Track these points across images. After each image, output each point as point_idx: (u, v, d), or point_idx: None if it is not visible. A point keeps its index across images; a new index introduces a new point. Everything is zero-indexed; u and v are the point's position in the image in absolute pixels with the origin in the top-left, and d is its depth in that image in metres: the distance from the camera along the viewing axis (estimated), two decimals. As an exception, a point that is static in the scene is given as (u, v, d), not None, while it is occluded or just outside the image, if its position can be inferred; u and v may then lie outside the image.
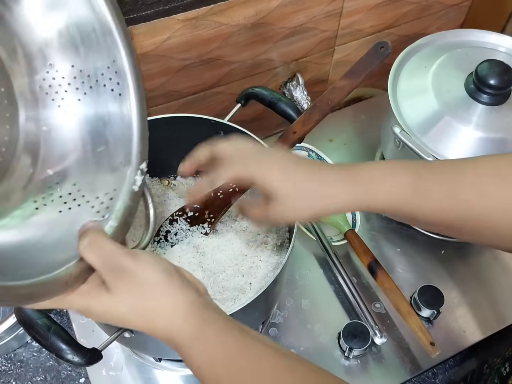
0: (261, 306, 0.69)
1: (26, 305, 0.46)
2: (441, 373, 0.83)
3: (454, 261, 0.90)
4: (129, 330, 0.56)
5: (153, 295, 0.45)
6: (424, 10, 1.04)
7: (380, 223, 0.94)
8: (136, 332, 0.57)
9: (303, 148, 1.01)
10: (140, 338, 0.58)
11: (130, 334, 0.57)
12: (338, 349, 0.81)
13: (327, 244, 0.87)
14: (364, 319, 0.80)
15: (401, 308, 0.79)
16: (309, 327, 0.83)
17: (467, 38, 0.90)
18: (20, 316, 0.50)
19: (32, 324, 0.49)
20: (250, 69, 0.94)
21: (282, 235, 0.74)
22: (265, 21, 0.87)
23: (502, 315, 0.85)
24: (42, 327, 0.49)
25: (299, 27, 0.92)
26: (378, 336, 0.78)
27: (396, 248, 0.91)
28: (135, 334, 0.57)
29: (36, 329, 0.49)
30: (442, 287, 0.83)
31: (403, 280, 0.87)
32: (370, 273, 0.84)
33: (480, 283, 0.88)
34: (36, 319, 0.49)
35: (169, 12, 0.77)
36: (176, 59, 0.84)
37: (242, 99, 0.76)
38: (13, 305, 0.53)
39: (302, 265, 0.88)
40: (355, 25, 0.99)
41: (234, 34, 0.86)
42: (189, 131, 0.75)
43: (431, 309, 0.81)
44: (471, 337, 0.83)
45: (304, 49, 0.98)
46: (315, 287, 0.87)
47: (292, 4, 0.87)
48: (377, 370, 0.80)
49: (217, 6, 0.80)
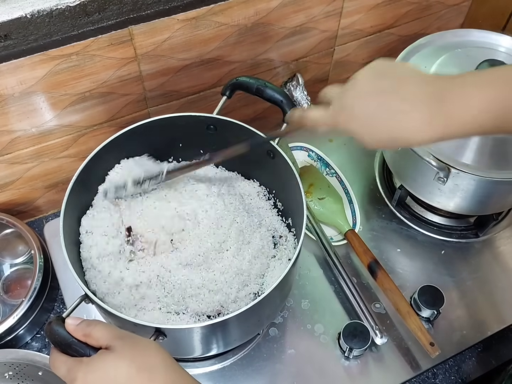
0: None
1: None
2: (441, 373, 0.83)
3: (454, 261, 0.90)
4: (162, 334, 0.58)
5: (155, 355, 0.48)
6: (424, 10, 1.04)
7: (380, 223, 0.94)
8: (169, 336, 0.59)
9: (303, 148, 1.01)
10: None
11: (164, 338, 0.59)
12: (338, 349, 0.81)
13: (327, 244, 0.87)
14: (364, 319, 0.80)
15: (401, 308, 0.79)
16: (309, 327, 0.83)
17: (467, 38, 0.90)
18: (54, 338, 0.50)
19: (69, 343, 0.49)
20: (250, 69, 0.94)
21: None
22: (265, 21, 0.87)
23: (502, 315, 0.85)
24: (79, 345, 0.49)
25: (299, 27, 0.92)
26: (378, 336, 0.78)
27: (396, 248, 0.91)
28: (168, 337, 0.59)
29: (74, 348, 0.49)
30: (442, 287, 0.83)
31: (403, 280, 0.87)
32: (370, 273, 0.84)
33: (480, 283, 0.88)
34: (71, 338, 0.50)
35: (169, 12, 0.77)
36: (176, 59, 0.84)
37: (227, 90, 0.76)
38: None
39: (302, 265, 0.88)
40: (355, 25, 0.99)
41: (234, 34, 0.86)
42: (182, 130, 0.76)
43: (431, 309, 0.81)
44: (471, 337, 0.83)
45: (304, 49, 0.97)
46: (315, 287, 0.87)
47: (292, 4, 0.87)
48: (377, 370, 0.80)
49: (217, 6, 0.80)
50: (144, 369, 0.46)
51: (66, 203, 0.67)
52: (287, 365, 0.80)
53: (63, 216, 0.65)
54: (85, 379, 0.46)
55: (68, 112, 0.82)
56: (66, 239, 0.64)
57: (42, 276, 0.82)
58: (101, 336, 0.48)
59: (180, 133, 0.77)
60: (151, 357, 0.48)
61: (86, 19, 0.71)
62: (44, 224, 0.94)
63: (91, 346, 0.49)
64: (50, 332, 0.51)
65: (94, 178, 0.74)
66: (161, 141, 0.77)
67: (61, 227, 0.64)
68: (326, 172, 0.99)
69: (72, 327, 0.50)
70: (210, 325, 0.59)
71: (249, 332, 0.74)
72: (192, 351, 0.69)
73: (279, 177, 0.74)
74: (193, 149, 0.79)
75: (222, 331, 0.65)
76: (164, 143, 0.78)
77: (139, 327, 0.58)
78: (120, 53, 0.78)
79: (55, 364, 0.49)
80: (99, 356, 0.47)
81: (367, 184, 0.99)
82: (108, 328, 0.49)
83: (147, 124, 0.73)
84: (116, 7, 0.72)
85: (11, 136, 0.81)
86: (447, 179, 0.78)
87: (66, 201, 0.67)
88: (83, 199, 0.73)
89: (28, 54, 0.71)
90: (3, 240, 0.90)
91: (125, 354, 0.47)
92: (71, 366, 0.47)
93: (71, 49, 0.74)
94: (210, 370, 0.80)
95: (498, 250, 0.92)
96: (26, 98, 0.76)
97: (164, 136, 0.76)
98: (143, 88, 0.86)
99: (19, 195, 0.92)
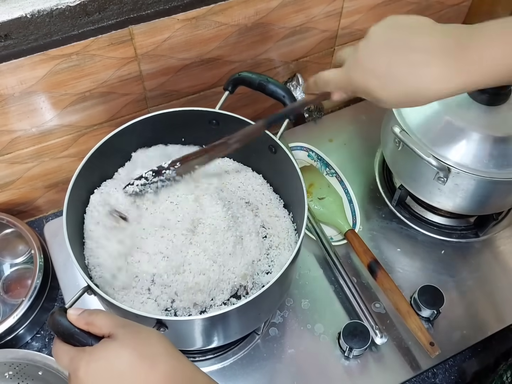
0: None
1: None
2: (441, 373, 0.83)
3: (454, 261, 0.90)
4: (163, 326, 0.58)
5: (157, 344, 0.48)
6: (424, 10, 1.04)
7: (380, 223, 0.94)
8: (170, 327, 0.59)
9: (303, 148, 1.01)
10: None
11: (165, 329, 0.59)
12: (338, 349, 0.81)
13: (327, 244, 0.87)
14: (364, 319, 0.80)
15: (401, 308, 0.79)
16: (309, 327, 0.83)
17: (467, 38, 0.90)
18: (57, 328, 0.50)
19: (71, 333, 0.50)
20: (250, 69, 0.94)
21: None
22: (265, 21, 0.87)
23: (502, 315, 0.85)
24: (81, 335, 0.49)
25: (299, 27, 0.92)
26: (378, 336, 0.78)
27: (396, 248, 0.91)
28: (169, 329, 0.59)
29: (77, 338, 0.49)
30: (442, 287, 0.83)
31: (403, 280, 0.87)
32: (370, 273, 0.84)
33: (480, 283, 0.88)
34: (73, 328, 0.50)
35: (169, 12, 0.77)
36: (176, 59, 0.84)
37: (229, 85, 0.76)
38: None
39: (302, 265, 0.88)
40: (355, 25, 0.99)
41: (234, 34, 0.86)
42: (184, 125, 0.76)
43: (431, 309, 0.81)
44: (471, 337, 0.83)
45: (304, 49, 0.98)
46: (315, 287, 0.87)
47: (292, 4, 0.87)
48: (377, 370, 0.80)
49: (217, 6, 0.80)
50: (146, 357, 0.46)
51: (70, 193, 0.67)
52: (287, 365, 0.80)
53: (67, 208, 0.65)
54: (88, 367, 0.46)
55: (68, 112, 0.82)
56: (69, 230, 0.64)
57: (42, 276, 0.82)
58: (103, 324, 0.48)
59: (182, 128, 0.77)
60: (153, 345, 0.48)
61: (86, 19, 0.71)
62: (44, 224, 0.94)
63: (93, 336, 0.49)
64: (53, 323, 0.51)
65: (94, 178, 0.74)
66: (163, 136, 0.77)
67: (64, 221, 0.64)
68: (326, 172, 0.99)
69: (74, 317, 0.50)
70: (211, 317, 0.59)
71: (249, 326, 0.74)
72: (193, 343, 0.69)
73: (280, 172, 0.74)
74: (196, 144, 0.79)
75: (223, 323, 0.65)
76: (167, 138, 0.78)
77: (141, 318, 0.58)
78: (120, 53, 0.78)
79: (58, 354, 0.49)
80: (102, 344, 0.47)
81: (367, 184, 0.99)
82: (110, 317, 0.49)
83: (149, 118, 0.73)
84: (116, 7, 0.72)
85: (11, 136, 0.81)
86: (447, 179, 0.78)
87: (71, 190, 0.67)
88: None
89: (28, 54, 0.71)
90: (3, 240, 0.90)
91: (127, 342, 0.47)
92: (74, 355, 0.47)
93: (71, 49, 0.74)
94: (210, 370, 0.80)
95: (498, 250, 0.92)
96: (26, 98, 0.76)
97: (167, 131, 0.76)
98: (143, 87, 0.86)
99: (19, 195, 0.92)
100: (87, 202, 0.73)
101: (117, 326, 0.48)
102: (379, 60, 0.54)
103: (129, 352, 0.46)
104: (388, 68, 0.53)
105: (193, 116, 0.75)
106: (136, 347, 0.47)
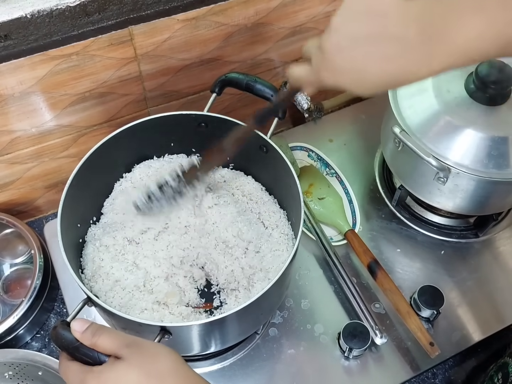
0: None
1: None
2: (441, 373, 0.83)
3: (454, 261, 0.90)
4: (168, 333, 0.58)
5: (165, 360, 0.48)
6: None
7: (380, 223, 0.94)
8: (174, 334, 0.59)
9: (303, 148, 1.01)
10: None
11: (169, 336, 0.59)
12: (338, 349, 0.81)
13: (327, 244, 0.87)
14: (364, 319, 0.80)
15: (401, 308, 0.79)
16: (309, 327, 0.83)
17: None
18: (61, 343, 0.50)
19: (76, 347, 0.49)
20: (250, 69, 0.94)
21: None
22: (265, 21, 0.87)
23: (502, 315, 0.85)
24: (86, 348, 0.49)
25: (299, 27, 0.92)
26: (378, 336, 0.78)
27: (396, 248, 0.91)
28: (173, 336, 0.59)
29: (82, 351, 0.49)
30: (442, 287, 0.83)
31: (403, 280, 0.87)
32: (370, 273, 0.84)
33: (480, 283, 0.88)
34: (77, 342, 0.49)
35: (169, 12, 0.77)
36: (176, 59, 0.84)
37: (216, 87, 0.76)
38: None
39: (302, 265, 0.88)
40: (355, 25, 0.98)
41: (234, 34, 0.86)
42: (173, 129, 0.76)
43: (431, 309, 0.81)
44: (471, 337, 0.83)
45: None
46: (315, 287, 0.87)
47: (292, 4, 0.87)
48: (377, 370, 0.80)
49: (217, 6, 0.80)
50: (154, 376, 0.46)
51: (64, 201, 0.67)
52: (287, 365, 0.80)
53: (60, 217, 0.65)
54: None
55: (68, 112, 0.82)
56: (64, 242, 0.64)
57: (42, 276, 0.82)
58: (107, 346, 0.48)
59: (171, 132, 0.77)
60: (160, 362, 0.48)
61: (86, 19, 0.71)
62: (44, 224, 0.94)
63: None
64: (56, 337, 0.50)
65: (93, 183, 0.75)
66: (153, 141, 0.77)
67: (59, 230, 0.64)
68: (326, 172, 0.99)
69: (78, 335, 0.49)
70: (212, 321, 0.60)
71: (249, 328, 0.74)
72: (196, 348, 0.69)
73: (273, 172, 0.74)
74: (185, 147, 0.79)
75: (225, 326, 0.66)
76: (157, 143, 0.78)
77: (144, 327, 0.58)
78: (120, 53, 0.78)
79: (67, 375, 0.49)
80: (110, 366, 0.47)
81: (367, 184, 0.99)
82: (113, 337, 0.49)
83: (137, 125, 0.73)
84: (116, 7, 0.72)
85: (11, 136, 0.81)
86: (447, 179, 0.78)
87: (64, 199, 0.67)
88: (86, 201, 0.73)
89: (28, 54, 0.71)
90: (3, 240, 0.90)
91: (134, 362, 0.47)
92: (83, 378, 0.47)
93: (71, 49, 0.74)
94: (210, 370, 0.80)
95: (498, 250, 0.92)
96: (26, 98, 0.76)
97: (156, 136, 0.77)
98: (143, 88, 0.86)
99: (19, 195, 0.92)
100: (87, 202, 0.73)
101: (121, 346, 0.48)
102: (350, 59, 0.50)
103: (136, 372, 0.46)
104: (359, 64, 0.49)
105: (181, 120, 0.75)
106: (143, 366, 0.47)
